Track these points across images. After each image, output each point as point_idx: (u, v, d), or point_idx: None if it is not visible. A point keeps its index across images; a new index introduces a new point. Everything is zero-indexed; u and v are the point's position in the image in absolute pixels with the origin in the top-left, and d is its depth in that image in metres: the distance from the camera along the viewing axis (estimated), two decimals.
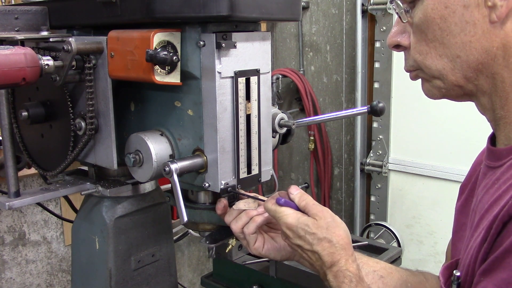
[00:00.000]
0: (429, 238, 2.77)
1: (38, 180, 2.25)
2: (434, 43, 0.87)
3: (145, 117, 1.28)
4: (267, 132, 1.25)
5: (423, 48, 0.90)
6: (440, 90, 0.92)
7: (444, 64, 0.88)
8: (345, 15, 2.96)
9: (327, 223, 1.04)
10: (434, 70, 0.89)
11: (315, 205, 1.07)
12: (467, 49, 0.85)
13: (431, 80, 0.92)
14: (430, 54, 0.89)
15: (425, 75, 0.93)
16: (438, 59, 0.88)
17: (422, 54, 0.90)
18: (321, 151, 3.16)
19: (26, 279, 2.33)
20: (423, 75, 0.93)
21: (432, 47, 0.88)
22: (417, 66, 0.93)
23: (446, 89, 0.91)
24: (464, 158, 2.56)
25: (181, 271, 3.03)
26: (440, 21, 0.85)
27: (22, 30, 1.31)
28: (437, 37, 0.86)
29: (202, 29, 1.11)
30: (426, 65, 0.90)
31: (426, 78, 0.93)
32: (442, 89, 0.92)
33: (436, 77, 0.90)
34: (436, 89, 0.93)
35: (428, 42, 0.88)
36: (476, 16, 0.82)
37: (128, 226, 1.41)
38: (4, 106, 1.29)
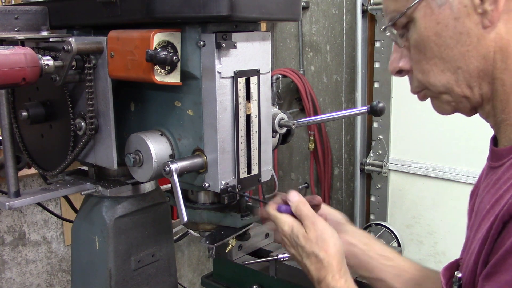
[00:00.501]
0: (429, 238, 2.77)
1: (38, 180, 2.25)
2: (434, 60, 0.89)
3: (145, 117, 1.28)
4: (267, 132, 1.25)
5: (424, 67, 0.91)
6: (450, 104, 0.93)
7: (447, 78, 0.89)
8: (345, 15, 2.96)
9: (316, 237, 1.05)
10: (439, 86, 0.91)
11: (309, 216, 1.08)
12: (466, 59, 0.86)
13: (439, 96, 0.93)
14: (433, 72, 0.90)
15: (432, 93, 0.94)
16: (441, 75, 0.89)
17: (425, 73, 0.91)
18: (321, 151, 3.16)
19: (26, 279, 2.33)
20: (430, 93, 0.94)
21: (432, 64, 0.89)
22: (423, 86, 0.94)
23: (455, 102, 0.92)
24: (464, 158, 2.56)
25: (181, 271, 3.03)
26: (435, 38, 0.87)
27: (22, 30, 1.31)
28: (436, 54, 0.88)
29: (202, 29, 1.11)
30: (430, 83, 0.91)
31: (434, 95, 0.94)
32: (451, 103, 0.93)
33: (443, 92, 0.91)
34: (446, 104, 0.94)
35: (428, 60, 0.89)
36: (469, 25, 0.84)
37: (128, 226, 1.41)
38: (4, 106, 1.29)
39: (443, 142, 2.63)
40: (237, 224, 1.27)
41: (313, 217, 1.08)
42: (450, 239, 2.69)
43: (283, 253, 1.50)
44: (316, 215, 1.09)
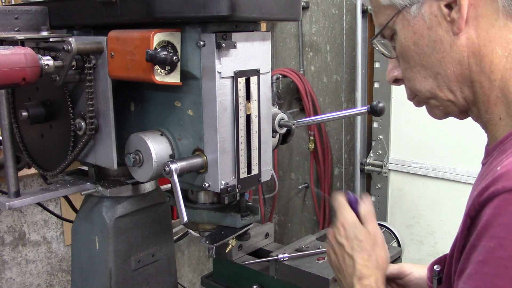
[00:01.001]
0: (429, 238, 2.77)
1: (38, 180, 2.25)
2: (417, 68, 0.94)
3: (145, 117, 1.28)
4: (267, 132, 1.25)
5: (409, 75, 0.96)
6: (438, 108, 0.98)
7: (430, 84, 0.94)
8: (345, 15, 2.95)
9: (375, 241, 1.09)
10: (424, 91, 0.95)
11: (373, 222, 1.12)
12: (443, 64, 0.91)
13: (428, 101, 0.98)
14: (417, 79, 0.95)
15: (422, 99, 0.98)
16: (424, 81, 0.94)
17: (411, 81, 0.97)
18: (321, 151, 3.16)
19: (26, 279, 2.33)
20: (421, 99, 0.99)
21: (416, 72, 0.95)
22: (413, 93, 0.99)
23: (442, 106, 0.96)
24: (464, 158, 2.56)
25: (181, 271, 3.03)
26: (414, 47, 0.92)
27: (22, 30, 1.31)
28: (417, 61, 0.93)
29: (202, 29, 1.11)
30: (417, 89, 0.96)
31: (424, 101, 0.99)
32: (439, 107, 0.97)
33: (429, 97, 0.96)
34: (435, 108, 0.98)
35: (411, 68, 0.95)
36: (441, 33, 0.89)
37: (128, 226, 1.41)
38: (4, 106, 1.29)
39: (443, 142, 2.62)
40: (237, 224, 1.27)
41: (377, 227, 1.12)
42: (450, 239, 2.67)
43: (283, 253, 1.50)
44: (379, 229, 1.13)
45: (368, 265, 1.06)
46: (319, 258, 1.52)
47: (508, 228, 0.71)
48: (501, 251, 0.72)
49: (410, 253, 2.81)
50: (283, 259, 1.49)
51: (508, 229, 0.71)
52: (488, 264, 0.73)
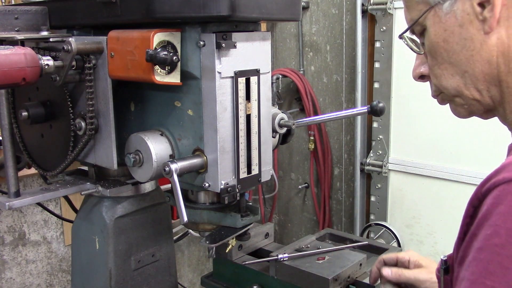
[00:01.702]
0: (429, 238, 2.77)
1: (38, 180, 2.25)
2: (444, 65, 0.94)
3: (145, 117, 1.28)
4: (267, 132, 1.25)
5: (437, 72, 0.97)
6: (463, 107, 0.98)
7: (457, 82, 0.94)
8: (345, 15, 2.95)
9: None
10: (451, 89, 0.96)
11: None
12: (471, 63, 0.91)
13: (453, 99, 0.98)
14: (444, 76, 0.96)
15: (447, 97, 0.99)
16: (451, 79, 0.95)
17: (438, 77, 0.97)
18: (321, 151, 3.16)
19: (26, 279, 2.33)
20: (446, 97, 1.00)
21: (443, 69, 0.95)
22: (439, 90, 0.99)
23: (467, 105, 0.97)
24: (464, 158, 2.56)
25: (181, 271, 3.03)
26: (444, 44, 0.93)
27: (22, 30, 1.31)
28: (445, 59, 0.94)
29: (202, 29, 1.11)
30: (443, 86, 0.97)
31: (449, 99, 0.99)
32: (464, 106, 0.97)
33: (455, 95, 0.96)
34: (460, 107, 0.99)
35: (439, 65, 0.95)
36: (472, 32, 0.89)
37: (128, 226, 1.41)
38: (4, 106, 1.29)
39: (443, 142, 2.62)
40: (237, 224, 1.27)
41: None
42: (450, 239, 2.68)
43: (283, 253, 1.50)
44: None
45: None
46: (319, 258, 1.52)
47: (504, 217, 0.73)
48: (496, 238, 0.73)
49: None
50: (283, 259, 1.49)
51: (505, 218, 0.73)
52: (484, 250, 0.75)
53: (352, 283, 1.47)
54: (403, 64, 2.70)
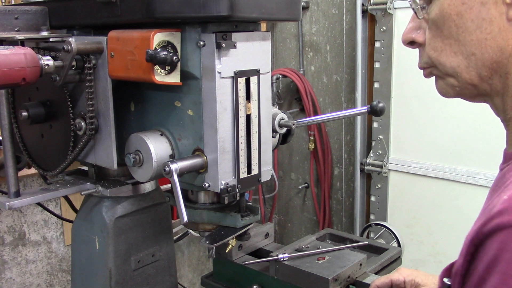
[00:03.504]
0: (429, 238, 2.77)
1: (38, 180, 2.25)
2: (450, 40, 0.86)
3: (145, 117, 1.28)
4: (267, 132, 1.25)
5: (438, 45, 0.88)
6: (453, 89, 0.91)
7: (458, 62, 0.86)
8: (345, 15, 2.95)
9: None
10: (448, 67, 0.88)
11: None
12: (482, 46, 0.83)
13: (445, 77, 0.91)
14: (445, 51, 0.87)
15: (439, 73, 0.91)
16: (452, 56, 0.87)
17: (437, 51, 0.88)
18: (321, 151, 3.16)
19: (26, 279, 2.33)
20: (437, 72, 0.92)
21: (447, 44, 0.86)
22: (431, 63, 0.91)
23: (460, 87, 0.89)
24: (464, 158, 2.56)
25: (181, 271, 3.03)
26: (456, 18, 0.84)
27: (22, 30, 1.31)
28: (453, 34, 0.85)
29: (202, 29, 1.11)
30: (440, 62, 0.89)
31: (440, 75, 0.92)
32: (456, 88, 0.90)
33: (450, 74, 0.89)
34: (450, 87, 0.91)
35: (443, 38, 0.87)
36: (493, 14, 0.81)
37: (128, 226, 1.41)
38: (4, 106, 1.29)
39: (443, 142, 2.62)
40: (237, 224, 1.27)
41: None
42: (450, 239, 2.69)
43: (283, 253, 1.50)
44: None
45: None
46: (319, 258, 1.52)
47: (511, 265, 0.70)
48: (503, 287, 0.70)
49: (410, 253, 2.81)
50: (283, 259, 1.49)
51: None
52: None
53: (352, 283, 1.47)
54: (403, 64, 2.70)
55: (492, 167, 2.59)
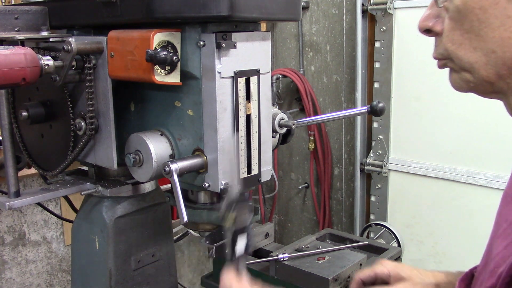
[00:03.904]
0: (429, 238, 2.77)
1: (38, 180, 2.25)
2: (470, 34, 0.82)
3: (145, 117, 1.28)
4: (267, 132, 1.25)
5: (456, 38, 0.84)
6: (468, 84, 0.87)
7: (477, 58, 0.82)
8: (345, 15, 2.95)
9: None
10: (465, 62, 0.84)
11: None
12: (505, 45, 0.79)
13: (460, 72, 0.87)
14: (464, 45, 0.83)
15: (455, 66, 0.87)
16: (471, 52, 0.83)
17: (455, 44, 0.84)
18: (321, 151, 3.16)
19: (26, 279, 2.33)
20: (453, 65, 0.88)
21: (466, 38, 0.82)
22: (448, 55, 0.87)
23: (474, 83, 0.86)
24: (464, 158, 2.56)
25: (181, 271, 3.03)
26: (480, 12, 0.80)
27: (22, 30, 1.31)
28: (474, 29, 0.81)
29: (202, 29, 1.11)
30: (458, 56, 0.85)
31: (455, 69, 0.88)
32: (470, 83, 0.86)
33: (466, 70, 0.85)
34: (464, 82, 0.87)
35: (463, 32, 0.82)
36: None
37: (128, 226, 1.41)
38: (4, 106, 1.29)
39: (443, 142, 2.62)
40: None
41: None
42: (450, 239, 2.69)
43: (283, 253, 1.50)
44: None
45: None
46: (319, 258, 1.52)
47: None
48: None
49: (410, 253, 2.81)
50: (283, 259, 1.49)
51: None
52: None
53: None
54: (403, 64, 2.70)
55: (492, 167, 2.60)
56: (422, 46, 2.58)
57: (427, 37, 0.91)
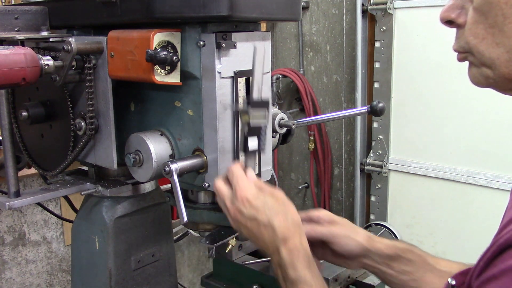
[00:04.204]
0: (429, 238, 2.77)
1: (38, 180, 2.25)
2: (494, 29, 0.79)
3: (145, 117, 1.28)
4: (267, 132, 1.25)
5: (479, 32, 0.81)
6: (487, 80, 0.84)
7: (499, 54, 0.80)
8: (345, 15, 2.95)
9: (283, 202, 1.06)
10: (486, 57, 0.81)
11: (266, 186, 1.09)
12: None
13: (480, 67, 0.84)
14: (486, 40, 0.80)
15: (475, 60, 0.84)
16: (494, 47, 0.80)
17: (478, 38, 0.81)
18: (321, 151, 3.16)
19: (26, 279, 2.33)
20: (473, 59, 0.85)
21: (490, 33, 0.79)
22: (469, 49, 0.84)
23: (494, 80, 0.83)
24: (464, 158, 2.56)
25: (181, 271, 3.03)
26: (505, 6, 0.77)
27: (22, 30, 1.31)
28: (498, 23, 0.78)
29: (202, 29, 1.11)
30: (479, 50, 0.82)
31: (475, 64, 0.85)
32: (490, 79, 0.83)
33: (487, 65, 0.82)
34: (484, 77, 0.84)
35: (486, 26, 0.79)
36: None
37: (128, 226, 1.41)
38: (4, 106, 1.29)
39: (443, 142, 2.63)
40: None
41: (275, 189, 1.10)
42: (450, 239, 2.69)
43: None
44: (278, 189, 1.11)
45: (288, 226, 1.03)
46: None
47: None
48: None
49: None
50: None
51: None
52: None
53: (352, 283, 1.48)
54: (403, 64, 2.70)
55: (493, 167, 2.60)
56: (422, 46, 2.58)
57: (427, 37, 0.90)
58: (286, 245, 1.02)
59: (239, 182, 1.06)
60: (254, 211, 1.04)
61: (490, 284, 0.71)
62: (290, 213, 1.06)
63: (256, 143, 1.08)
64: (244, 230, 1.07)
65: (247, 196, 1.05)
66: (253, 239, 1.08)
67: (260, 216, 1.04)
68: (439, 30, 2.49)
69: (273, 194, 1.07)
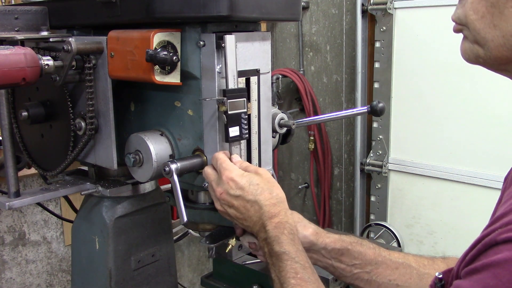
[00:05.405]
0: (429, 238, 2.77)
1: (38, 180, 2.25)
2: (494, 9, 0.78)
3: (145, 117, 1.28)
4: (267, 132, 1.25)
5: (480, 9, 0.80)
6: (477, 58, 0.84)
7: (494, 36, 0.79)
8: (345, 15, 2.95)
9: (268, 180, 1.09)
10: (481, 36, 0.81)
11: (251, 165, 1.13)
12: None
13: (473, 43, 0.84)
14: (485, 18, 0.80)
15: (469, 35, 0.84)
16: (490, 28, 0.79)
17: (477, 14, 0.81)
18: (321, 151, 3.16)
19: (26, 279, 2.33)
20: (468, 34, 0.84)
21: (490, 12, 0.79)
22: (466, 22, 0.83)
23: (484, 59, 0.83)
24: (464, 158, 2.56)
25: (181, 271, 3.03)
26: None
27: (22, 30, 1.31)
28: (500, 4, 0.77)
29: (202, 29, 1.11)
30: (475, 27, 0.81)
31: (469, 38, 0.84)
32: (479, 58, 0.84)
33: (480, 44, 0.82)
34: (474, 55, 0.84)
35: (488, 5, 0.79)
36: None
37: (128, 226, 1.41)
38: (4, 106, 1.29)
39: (443, 142, 2.62)
40: None
41: (260, 168, 1.13)
42: (450, 239, 2.69)
43: None
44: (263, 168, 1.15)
45: (274, 202, 1.06)
46: None
47: None
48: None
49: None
50: None
51: None
52: None
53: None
54: (403, 64, 2.70)
55: (492, 167, 2.60)
56: (422, 46, 2.58)
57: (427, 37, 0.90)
58: (272, 220, 1.05)
59: (223, 164, 1.09)
60: (240, 190, 1.07)
61: (472, 276, 0.73)
62: (275, 190, 1.09)
63: (237, 132, 1.11)
64: (230, 210, 1.10)
65: (232, 176, 1.08)
66: (240, 219, 1.10)
67: (246, 194, 1.07)
68: (439, 30, 2.50)
69: (258, 172, 1.10)
